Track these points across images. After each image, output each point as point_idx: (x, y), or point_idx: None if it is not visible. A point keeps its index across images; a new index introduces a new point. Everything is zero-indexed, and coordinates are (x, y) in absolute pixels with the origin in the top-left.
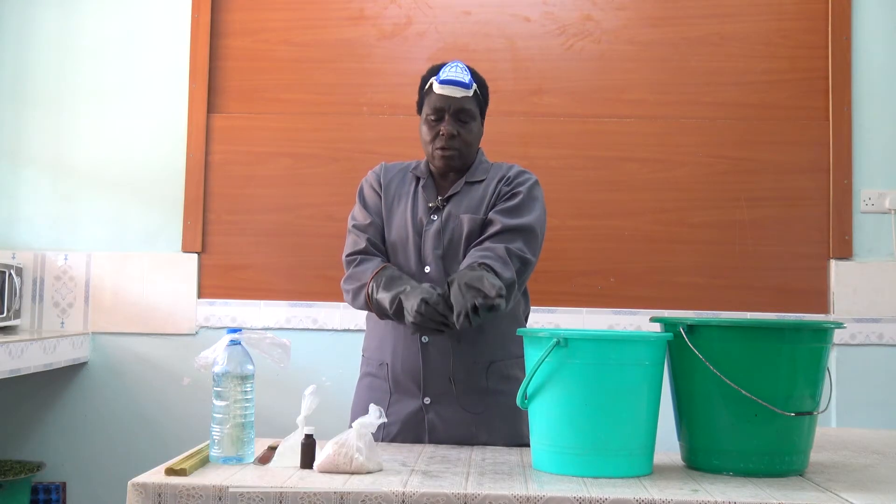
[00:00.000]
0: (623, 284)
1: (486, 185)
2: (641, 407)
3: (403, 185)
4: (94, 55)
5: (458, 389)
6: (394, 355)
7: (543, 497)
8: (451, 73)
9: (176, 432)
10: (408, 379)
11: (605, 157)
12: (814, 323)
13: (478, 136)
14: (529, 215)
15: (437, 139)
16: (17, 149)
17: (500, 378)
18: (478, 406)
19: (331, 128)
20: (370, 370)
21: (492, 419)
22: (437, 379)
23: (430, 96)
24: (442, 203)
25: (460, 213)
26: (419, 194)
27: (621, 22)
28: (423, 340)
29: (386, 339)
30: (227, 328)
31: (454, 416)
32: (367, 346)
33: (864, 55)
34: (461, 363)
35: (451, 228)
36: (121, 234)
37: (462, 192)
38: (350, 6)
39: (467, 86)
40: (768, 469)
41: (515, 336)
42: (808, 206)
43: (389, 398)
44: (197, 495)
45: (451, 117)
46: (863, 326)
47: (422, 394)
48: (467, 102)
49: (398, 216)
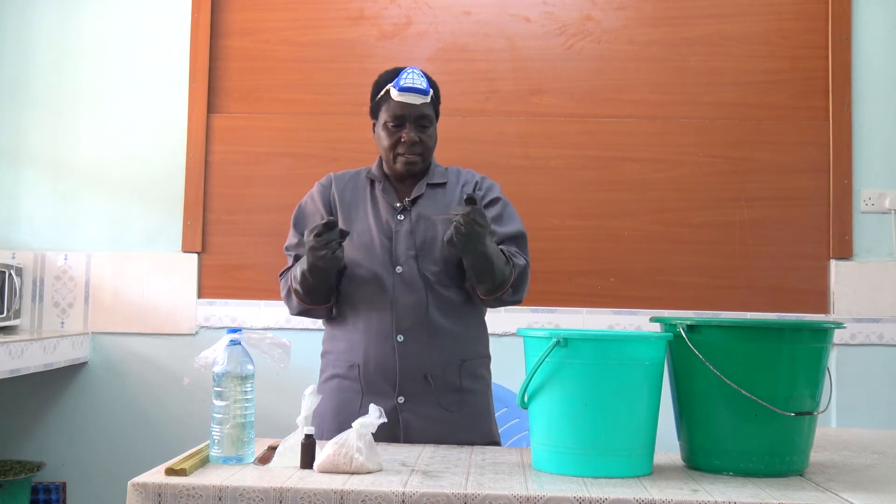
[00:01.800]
0: (623, 284)
1: (451, 189)
2: (641, 407)
3: (358, 191)
4: (93, 55)
5: (435, 387)
6: (366, 356)
7: (543, 497)
8: (409, 80)
9: (176, 432)
10: (381, 379)
11: (605, 157)
12: (814, 323)
13: (435, 140)
14: (516, 222)
15: (399, 145)
16: (17, 149)
17: (471, 377)
18: (453, 404)
19: (331, 128)
20: (338, 372)
21: (466, 417)
22: (411, 378)
23: (389, 103)
24: (409, 205)
25: (431, 215)
26: (379, 198)
27: (621, 22)
28: (398, 340)
29: (356, 341)
30: (227, 328)
31: (431, 414)
32: (333, 349)
33: (864, 55)
34: (436, 361)
35: (422, 230)
36: (121, 234)
37: (427, 194)
38: (350, 6)
39: (426, 92)
40: (768, 469)
41: (482, 337)
42: (808, 206)
43: (361, 399)
44: (197, 495)
45: (412, 124)
46: (863, 326)
47: (396, 393)
48: (426, 108)
49: (359, 221)
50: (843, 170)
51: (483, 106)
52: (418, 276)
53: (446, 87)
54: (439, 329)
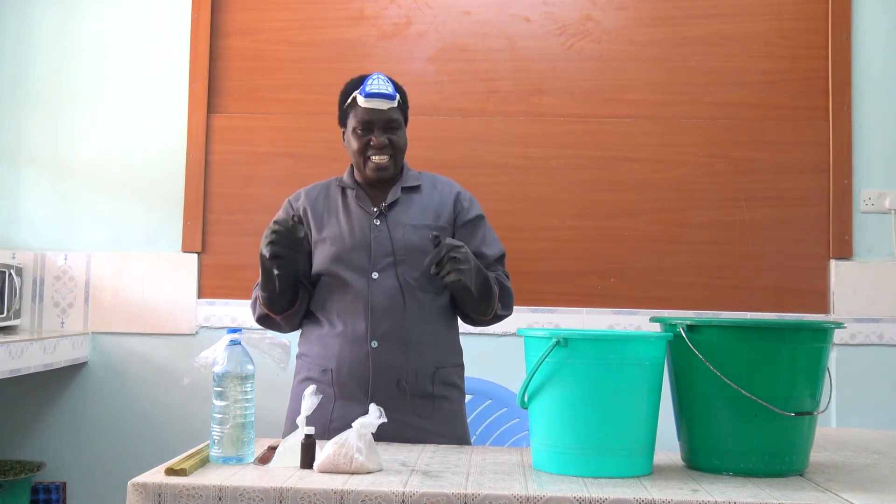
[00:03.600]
0: (623, 284)
1: (426, 195)
2: (641, 407)
3: (329, 200)
4: (94, 55)
5: (409, 393)
6: (339, 361)
7: (543, 497)
8: (375, 87)
9: (176, 432)
10: (354, 384)
11: (605, 157)
12: (814, 323)
13: (406, 143)
14: (497, 242)
15: (368, 149)
16: (17, 149)
17: (443, 384)
18: (426, 410)
19: (331, 128)
20: (311, 375)
21: (438, 422)
22: (384, 384)
23: (356, 109)
24: (386, 210)
25: (409, 220)
26: (351, 204)
27: (621, 22)
28: (372, 346)
29: (330, 346)
30: (227, 328)
31: (403, 419)
32: (307, 352)
33: (864, 55)
34: (410, 369)
35: (401, 236)
36: (121, 234)
37: (401, 200)
38: (350, 6)
39: (392, 97)
40: (768, 469)
41: (455, 346)
42: (808, 206)
43: (334, 403)
44: (197, 495)
45: (380, 129)
46: (863, 326)
47: (368, 399)
48: (394, 112)
49: (331, 228)
50: (843, 170)
51: (483, 106)
52: (396, 282)
53: (446, 87)
54: (414, 336)
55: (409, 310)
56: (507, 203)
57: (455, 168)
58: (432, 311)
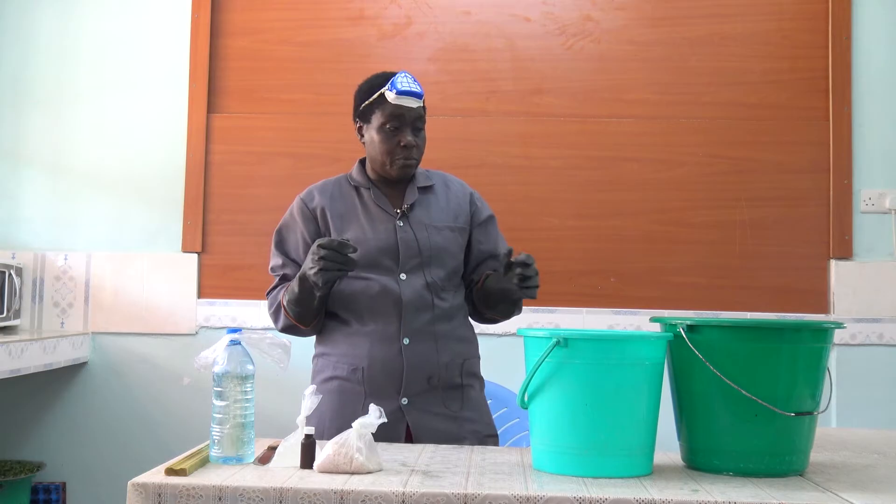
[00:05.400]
0: (623, 284)
1: (444, 195)
2: (641, 407)
3: (346, 200)
4: (94, 55)
5: (440, 387)
6: (370, 359)
7: (543, 497)
8: (406, 84)
9: (176, 432)
10: (386, 381)
11: (605, 157)
12: (814, 323)
13: (425, 143)
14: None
15: (397, 150)
16: (17, 149)
17: (469, 375)
18: (456, 401)
19: (331, 128)
20: (339, 374)
21: (469, 411)
22: (416, 379)
23: (384, 106)
24: (408, 210)
25: (431, 221)
26: (370, 205)
27: (621, 22)
28: (403, 343)
29: (359, 344)
30: (227, 328)
31: (436, 411)
32: (332, 351)
33: (864, 55)
34: (441, 363)
35: (426, 237)
36: (121, 234)
37: (419, 199)
38: (350, 6)
39: (420, 95)
40: (768, 469)
41: (474, 338)
42: (808, 206)
43: (363, 401)
44: (197, 495)
45: (409, 127)
46: (863, 326)
47: (400, 395)
48: (421, 111)
49: (354, 230)
50: (843, 170)
51: (483, 106)
52: (424, 281)
53: (446, 87)
54: (442, 332)
55: (437, 308)
56: (507, 203)
57: (455, 168)
58: (454, 307)
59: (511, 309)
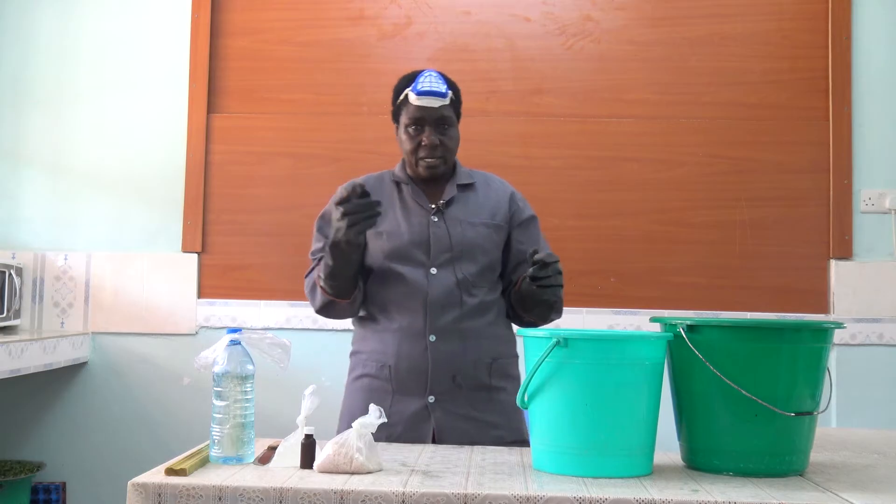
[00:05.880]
0: (623, 284)
1: (484, 193)
2: (641, 407)
3: (385, 194)
4: (94, 55)
5: (466, 386)
6: (398, 356)
7: (543, 497)
8: (426, 84)
9: (176, 432)
10: (412, 379)
11: (605, 157)
12: (814, 323)
13: (458, 141)
14: (548, 246)
15: (420, 149)
16: (17, 149)
17: (500, 376)
18: (482, 403)
19: (331, 128)
20: (368, 371)
21: (496, 414)
22: (442, 377)
23: (408, 107)
24: (443, 207)
25: (466, 217)
26: (407, 200)
27: (621, 22)
28: (430, 340)
29: (387, 341)
30: (227, 328)
31: (461, 412)
32: (363, 348)
33: (864, 55)
34: (467, 361)
35: (459, 232)
36: (121, 234)
37: (457, 197)
38: (350, 6)
39: (444, 95)
40: (768, 469)
41: (511, 337)
42: (808, 206)
43: (391, 398)
44: (197, 495)
45: (431, 127)
46: (863, 326)
47: (427, 393)
48: (445, 110)
49: (388, 223)
50: (843, 170)
51: (483, 106)
52: (454, 277)
53: None
54: (471, 330)
55: (465, 304)
56: None
57: None
58: (486, 304)
59: (547, 312)
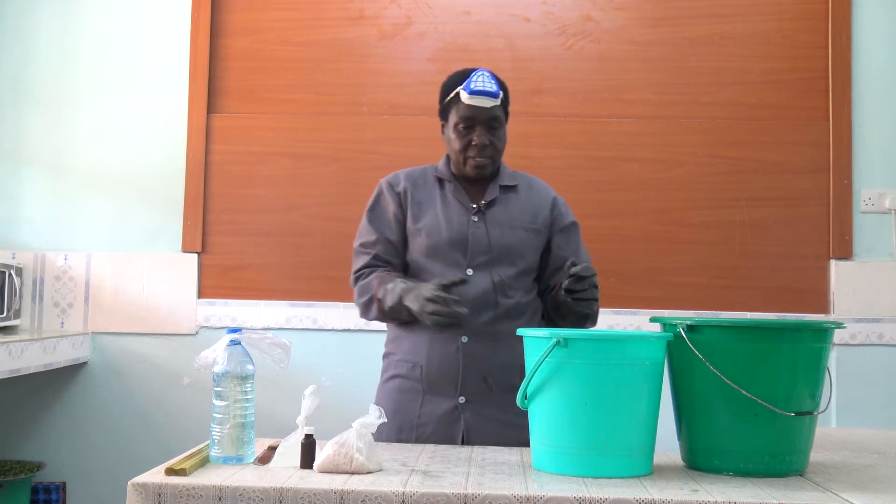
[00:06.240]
0: (623, 284)
1: (525, 196)
2: (641, 407)
3: (427, 189)
4: (94, 55)
5: (497, 388)
6: (429, 357)
7: (543, 497)
8: (479, 84)
9: (176, 432)
10: (444, 379)
11: (605, 157)
12: (814, 323)
13: (505, 141)
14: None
15: (469, 149)
16: (17, 149)
17: None
18: (513, 405)
19: (331, 128)
20: (400, 372)
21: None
22: (473, 379)
23: (459, 105)
24: (484, 207)
25: (506, 220)
26: (449, 198)
27: (621, 22)
28: (462, 341)
29: (420, 342)
30: (227, 328)
31: (491, 414)
32: (396, 349)
33: (864, 55)
34: (499, 363)
35: (498, 234)
36: (121, 234)
37: (499, 198)
38: (350, 6)
39: (496, 95)
40: (768, 469)
41: None
42: (808, 206)
43: (422, 398)
44: (197, 495)
45: (482, 127)
46: (863, 326)
47: (457, 393)
48: (496, 110)
49: (428, 219)
50: (843, 170)
51: None
52: (490, 279)
53: None
54: (505, 331)
55: (500, 306)
56: None
57: None
58: (522, 306)
59: (581, 321)
